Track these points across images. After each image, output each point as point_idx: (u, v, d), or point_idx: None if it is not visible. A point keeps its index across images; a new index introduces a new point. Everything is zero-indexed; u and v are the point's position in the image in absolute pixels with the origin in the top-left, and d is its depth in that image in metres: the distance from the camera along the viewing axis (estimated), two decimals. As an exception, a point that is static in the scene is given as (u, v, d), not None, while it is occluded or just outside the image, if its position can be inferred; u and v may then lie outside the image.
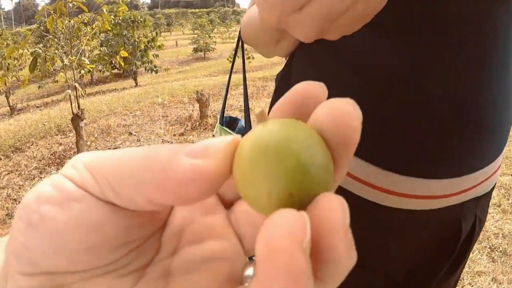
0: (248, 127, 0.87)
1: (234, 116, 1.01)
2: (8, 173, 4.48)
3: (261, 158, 0.16)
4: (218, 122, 0.95)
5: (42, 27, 4.94)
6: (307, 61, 0.70)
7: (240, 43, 0.89)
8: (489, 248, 2.61)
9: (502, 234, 2.72)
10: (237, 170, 0.18)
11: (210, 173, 0.18)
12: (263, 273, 0.14)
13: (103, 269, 0.21)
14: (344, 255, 0.16)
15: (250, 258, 0.23)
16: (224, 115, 0.98)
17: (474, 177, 0.64)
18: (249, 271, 0.22)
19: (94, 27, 4.85)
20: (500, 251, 2.57)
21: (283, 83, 0.76)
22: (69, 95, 4.05)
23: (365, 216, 0.66)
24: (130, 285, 0.21)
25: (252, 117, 0.90)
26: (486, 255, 2.55)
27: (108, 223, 0.20)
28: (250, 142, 0.17)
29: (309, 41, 0.43)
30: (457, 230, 0.71)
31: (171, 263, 0.23)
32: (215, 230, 0.24)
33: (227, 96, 1.00)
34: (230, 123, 0.97)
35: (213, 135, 0.93)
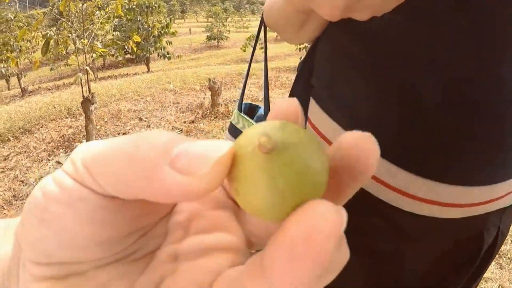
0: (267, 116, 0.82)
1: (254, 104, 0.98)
2: (16, 155, 4.48)
3: (269, 180, 0.17)
4: (236, 108, 0.93)
5: (55, 10, 4.91)
6: (331, 47, 0.66)
7: (262, 27, 0.85)
8: (497, 254, 2.54)
9: (510, 241, 2.66)
10: (240, 187, 0.18)
11: (196, 192, 0.17)
12: (294, 254, 0.15)
13: (114, 256, 0.22)
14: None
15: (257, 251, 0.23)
16: (246, 103, 0.96)
17: (502, 187, 0.60)
18: None
19: (107, 10, 4.82)
20: (508, 258, 2.52)
21: (305, 70, 0.72)
22: (80, 79, 4.02)
23: (381, 219, 0.63)
24: (141, 269, 0.22)
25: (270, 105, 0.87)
26: (494, 261, 2.48)
27: (115, 217, 0.20)
28: (257, 165, 0.17)
29: (335, 19, 0.39)
30: (479, 243, 0.68)
31: (179, 248, 0.23)
32: (222, 224, 0.24)
33: (241, 85, 0.94)
34: (250, 110, 0.94)
35: (231, 121, 0.91)
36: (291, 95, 0.74)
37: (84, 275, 0.21)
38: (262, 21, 0.82)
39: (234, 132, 0.90)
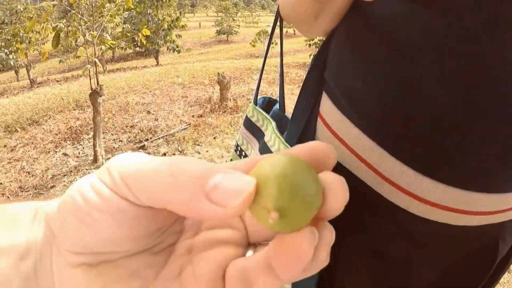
0: (282, 111, 0.87)
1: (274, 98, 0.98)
2: (23, 146, 4.48)
3: (272, 223, 0.23)
4: (252, 102, 0.94)
5: (65, 2, 4.89)
6: (346, 39, 0.64)
7: (278, 20, 0.84)
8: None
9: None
10: (253, 211, 0.24)
11: (226, 218, 0.22)
12: (292, 260, 0.23)
13: (141, 248, 0.26)
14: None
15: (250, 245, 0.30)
16: (264, 97, 0.97)
17: None
18: (249, 253, 0.28)
19: (117, 3, 4.81)
20: (516, 262, 2.46)
21: (318, 63, 0.70)
22: (89, 71, 3.99)
23: (390, 221, 0.61)
24: (163, 261, 0.27)
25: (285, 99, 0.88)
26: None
27: (149, 222, 0.25)
28: (266, 215, 0.23)
29: None
30: (493, 252, 0.65)
31: (193, 242, 0.28)
32: (227, 222, 0.29)
33: (250, 80, 0.95)
34: (268, 105, 0.96)
35: (246, 115, 0.93)
36: (303, 89, 0.72)
37: (114, 263, 0.25)
38: (277, 14, 0.81)
39: (250, 126, 0.90)
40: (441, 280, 0.67)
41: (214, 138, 4.54)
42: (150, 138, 4.57)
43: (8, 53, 10.28)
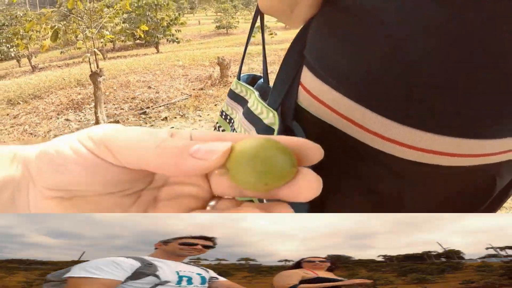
0: (266, 83, 0.96)
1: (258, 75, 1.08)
2: (26, 114, 4.50)
3: (252, 165, 0.28)
4: (236, 77, 1.02)
5: (65, 8, 4.89)
6: (323, 24, 0.65)
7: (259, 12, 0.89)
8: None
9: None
10: (234, 167, 0.28)
11: (206, 170, 0.27)
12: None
13: (112, 191, 0.30)
14: None
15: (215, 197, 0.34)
16: (249, 74, 1.05)
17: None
18: (212, 203, 0.32)
19: (115, 7, 4.88)
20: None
21: (298, 43, 0.71)
22: (88, 58, 4.03)
23: (378, 164, 0.62)
24: (131, 203, 0.31)
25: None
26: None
27: (121, 175, 0.29)
28: (245, 155, 0.28)
29: None
30: (489, 187, 0.66)
31: (159, 192, 0.33)
32: (194, 180, 0.33)
33: (250, 62, 1.05)
34: (253, 80, 1.03)
35: (230, 88, 1.02)
36: (283, 64, 0.74)
37: (86, 199, 0.29)
38: (257, 8, 0.84)
39: (234, 97, 0.99)
40: (434, 212, 0.68)
41: (215, 105, 4.56)
42: (151, 106, 4.60)
43: (9, 47, 10.35)
